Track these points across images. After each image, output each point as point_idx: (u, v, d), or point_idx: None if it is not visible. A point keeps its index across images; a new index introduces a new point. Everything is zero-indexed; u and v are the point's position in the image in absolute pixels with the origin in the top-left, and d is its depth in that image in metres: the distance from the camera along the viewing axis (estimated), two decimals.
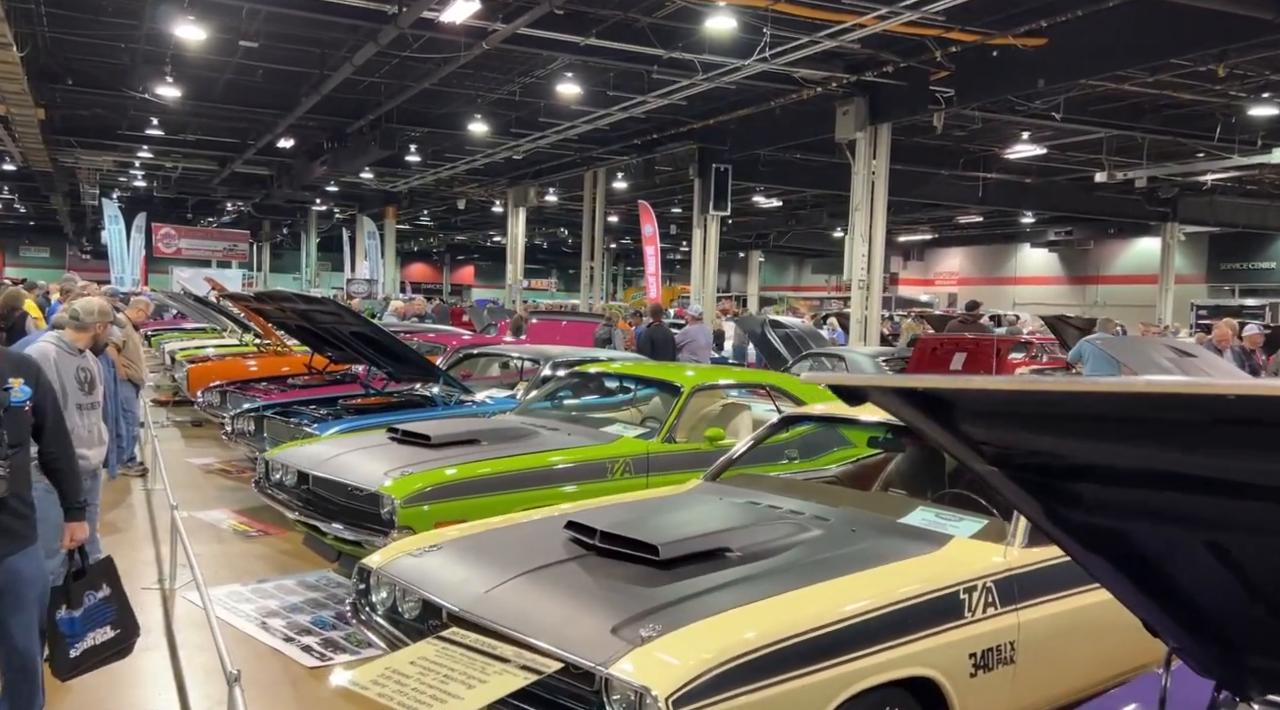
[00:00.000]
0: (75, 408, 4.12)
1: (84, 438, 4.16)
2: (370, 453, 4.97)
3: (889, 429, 3.83)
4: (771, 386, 5.76)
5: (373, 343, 7.07)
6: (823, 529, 3.08)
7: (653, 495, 3.84)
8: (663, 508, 3.48)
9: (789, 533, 3.01)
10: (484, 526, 3.39)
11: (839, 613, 2.47)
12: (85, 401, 4.21)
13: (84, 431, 4.17)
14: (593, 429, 5.40)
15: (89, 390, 4.23)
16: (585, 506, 3.61)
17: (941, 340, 9.15)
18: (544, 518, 3.45)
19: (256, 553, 5.98)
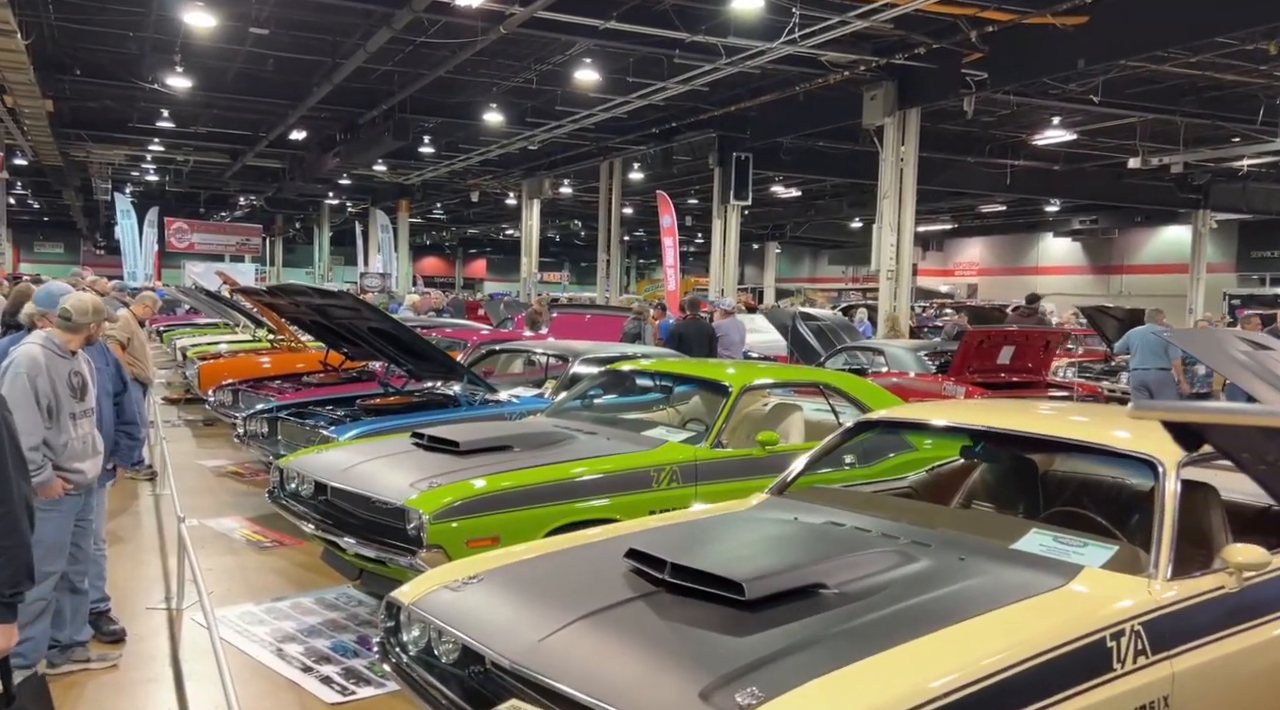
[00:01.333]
0: (69, 417, 3.74)
1: (77, 449, 3.79)
2: (394, 461, 4.54)
3: (983, 437, 3.40)
4: (826, 385, 5.31)
5: (392, 339, 6.65)
6: (926, 558, 2.64)
7: (715, 513, 3.39)
8: (732, 530, 3.04)
9: (890, 564, 2.57)
10: (530, 553, 2.96)
11: (972, 671, 2.04)
12: (79, 409, 3.80)
13: (78, 443, 3.78)
14: (633, 433, 4.96)
15: (82, 396, 3.83)
16: (643, 528, 3.17)
17: (989, 333, 8.67)
18: (599, 542, 3.00)
19: (271, 566, 5.58)
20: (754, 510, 3.36)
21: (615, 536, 3.05)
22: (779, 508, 3.34)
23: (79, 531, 3.91)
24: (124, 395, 4.46)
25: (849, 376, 5.57)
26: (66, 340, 3.80)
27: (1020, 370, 8.78)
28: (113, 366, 4.47)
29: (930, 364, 9.05)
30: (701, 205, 33.45)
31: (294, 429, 6.58)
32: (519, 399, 6.79)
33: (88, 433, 3.86)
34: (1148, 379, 9.91)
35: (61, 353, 3.78)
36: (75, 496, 3.82)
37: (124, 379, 4.53)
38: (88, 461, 3.85)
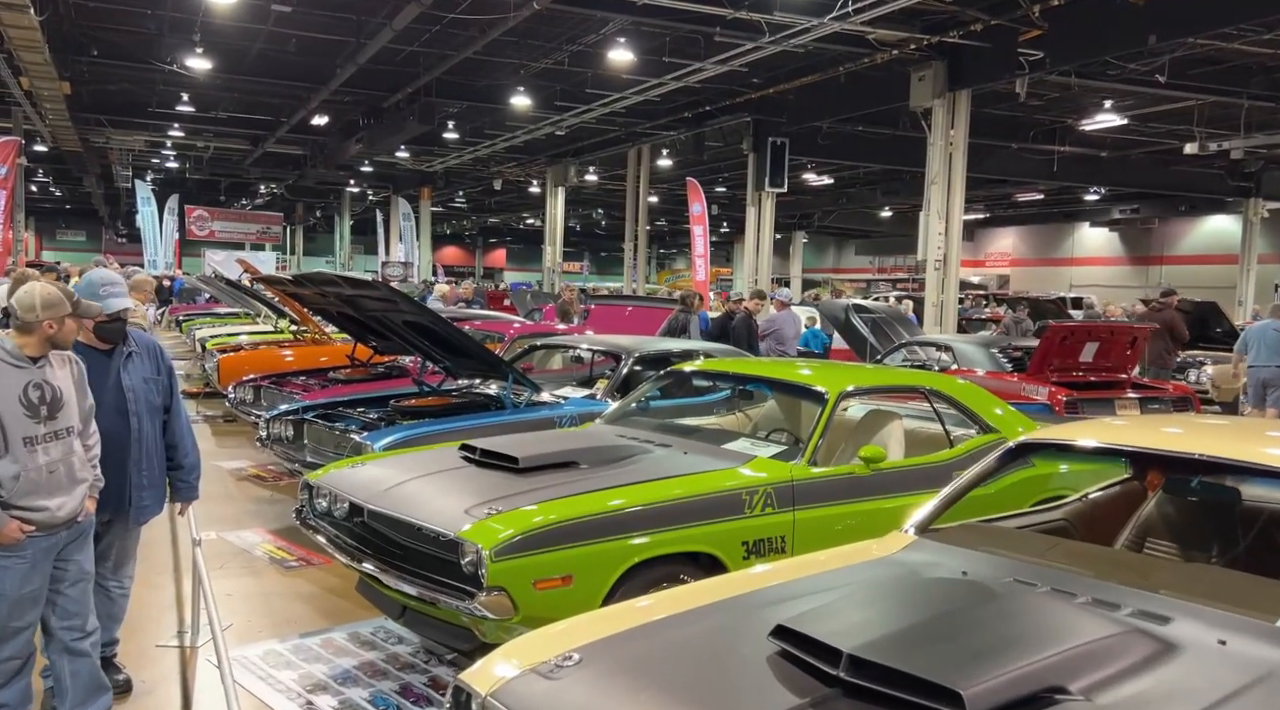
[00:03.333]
0: (23, 443, 3.02)
1: (38, 482, 3.05)
2: (443, 480, 3.91)
3: (1183, 466, 2.75)
4: (930, 390, 4.65)
5: (428, 333, 6.03)
6: (1178, 643, 1.99)
7: (855, 560, 2.72)
8: (897, 594, 2.38)
9: (1139, 656, 1.92)
10: (635, 619, 2.31)
11: None
12: (40, 431, 3.06)
13: (39, 473, 3.05)
14: (713, 446, 4.30)
15: (51, 414, 3.08)
16: (771, 583, 2.50)
17: (1072, 329, 7.97)
18: (723, 607, 2.35)
19: (297, 591, 4.97)
20: (905, 555, 2.71)
21: (741, 596, 2.40)
22: (935, 554, 2.68)
23: (65, 576, 3.21)
24: (173, 414, 3.75)
25: (955, 380, 4.90)
26: (22, 343, 3.08)
27: (1104, 368, 8.08)
28: (165, 376, 3.74)
29: (1005, 362, 8.36)
30: (728, 193, 32.78)
31: (322, 433, 5.98)
32: (567, 400, 6.16)
33: (58, 459, 3.11)
34: (1265, 375, 9.58)
35: (15, 360, 3.05)
36: (45, 537, 3.10)
37: (174, 391, 3.79)
38: (57, 496, 3.10)
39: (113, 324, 3.49)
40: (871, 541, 2.88)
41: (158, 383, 3.67)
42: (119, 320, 3.52)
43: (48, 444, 3.08)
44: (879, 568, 2.62)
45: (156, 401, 3.65)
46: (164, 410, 3.71)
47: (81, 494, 3.23)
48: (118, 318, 3.50)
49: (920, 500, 4.19)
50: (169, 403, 3.74)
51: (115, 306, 3.46)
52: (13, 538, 3.00)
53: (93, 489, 3.31)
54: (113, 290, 3.48)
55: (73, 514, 3.19)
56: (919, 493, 4.22)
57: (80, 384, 3.27)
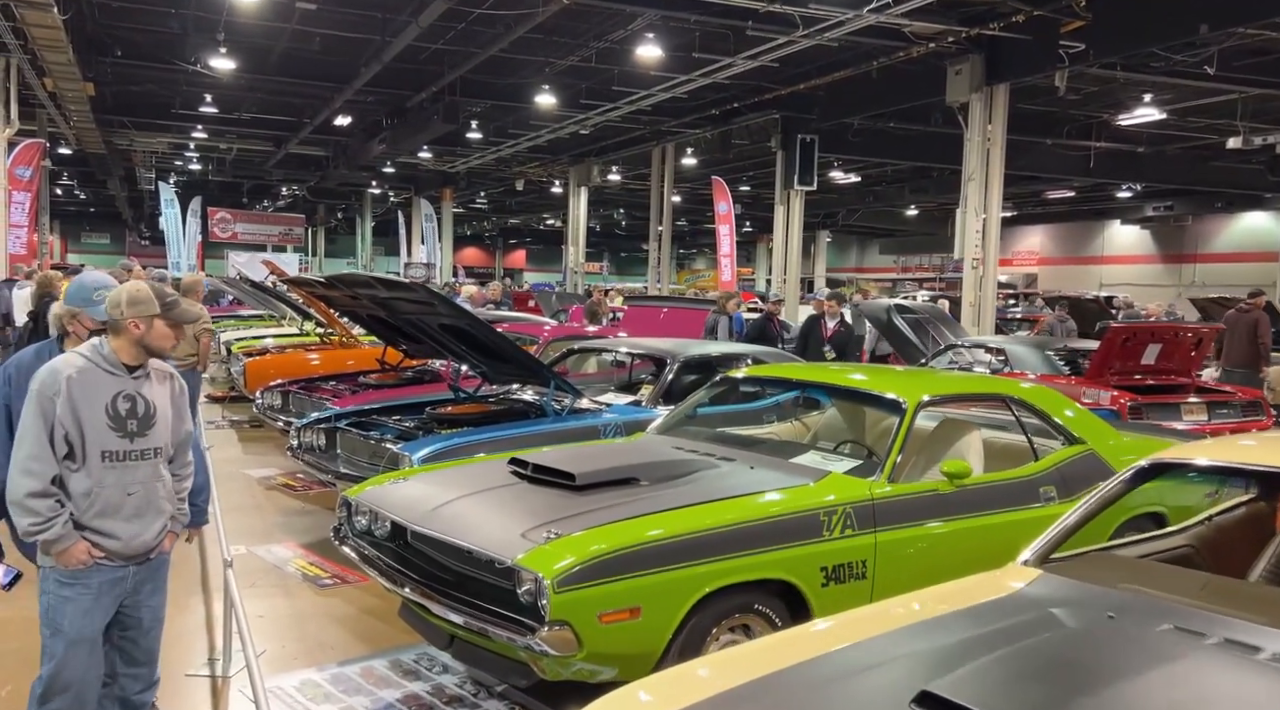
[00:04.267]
0: (102, 457, 2.75)
1: (113, 502, 2.77)
2: (493, 499, 3.62)
3: None
4: (1011, 397, 4.32)
5: (464, 336, 5.75)
6: None
7: (981, 599, 2.39)
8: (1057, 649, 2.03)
9: None
10: (739, 673, 2.00)
11: None
12: (124, 448, 2.78)
13: (115, 493, 2.77)
14: (780, 459, 3.99)
15: (140, 430, 2.81)
16: (897, 631, 2.19)
17: (1134, 330, 7.59)
18: (843, 660, 2.04)
19: (333, 612, 4.70)
20: (1033, 594, 2.39)
21: (860, 645, 2.09)
22: (1068, 592, 2.36)
23: (136, 620, 2.89)
24: None
25: (1037, 387, 4.57)
26: (115, 348, 2.80)
27: (1165, 371, 7.70)
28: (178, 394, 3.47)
29: (1061, 364, 7.98)
30: (752, 192, 32.45)
31: (356, 442, 5.71)
32: (610, 407, 5.86)
33: (139, 481, 2.82)
34: None
35: (110, 366, 2.79)
36: (112, 570, 2.79)
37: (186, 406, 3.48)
38: (134, 523, 2.80)
39: None
40: (985, 576, 2.57)
41: (179, 402, 3.26)
42: None
43: (131, 463, 2.80)
44: (1010, 611, 2.31)
45: (181, 423, 3.27)
46: None
47: (160, 527, 2.92)
48: None
49: (1007, 519, 3.89)
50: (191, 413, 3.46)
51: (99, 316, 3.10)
52: (79, 560, 2.71)
53: (175, 523, 2.99)
54: (108, 295, 3.09)
55: (147, 548, 2.87)
56: (1005, 511, 3.91)
57: (180, 404, 2.98)
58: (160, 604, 2.99)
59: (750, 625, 3.33)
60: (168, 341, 2.87)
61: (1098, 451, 4.27)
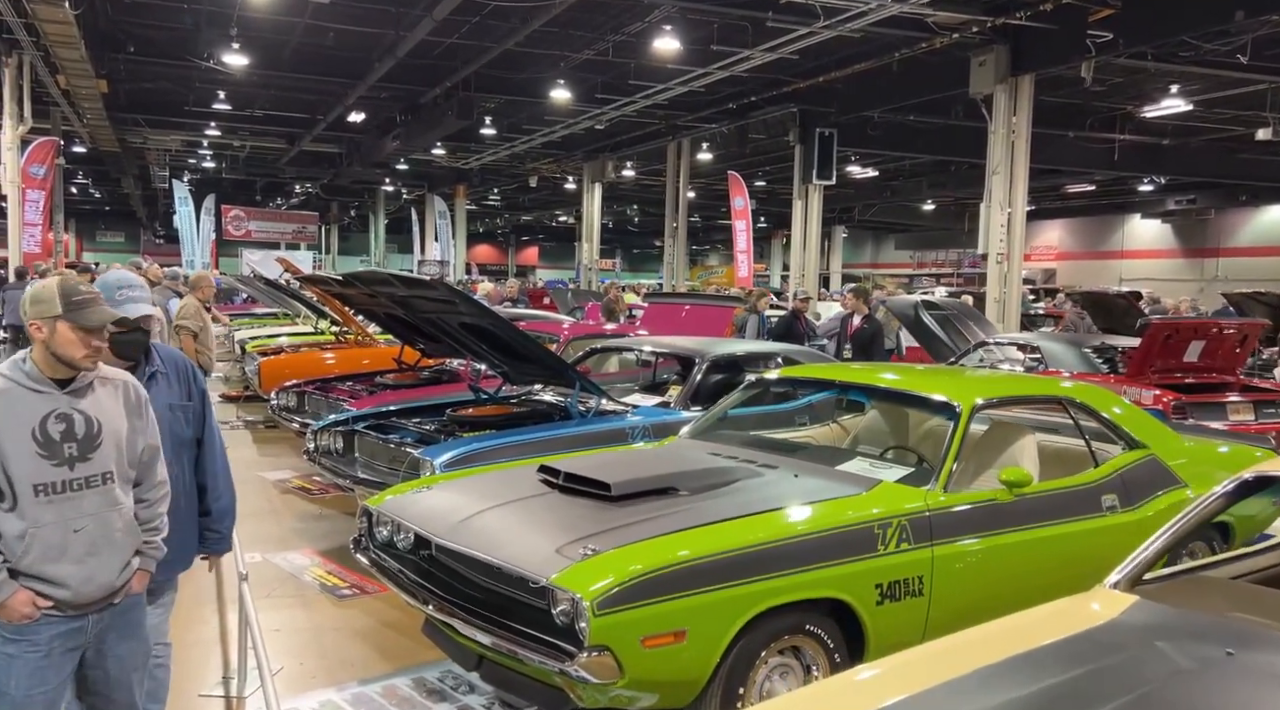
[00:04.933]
0: (31, 491, 2.34)
1: (54, 543, 2.36)
2: (523, 510, 3.41)
3: None
4: (1069, 399, 4.08)
5: (485, 335, 5.55)
6: None
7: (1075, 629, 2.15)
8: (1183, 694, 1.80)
9: None
10: None
11: None
12: (55, 478, 2.36)
13: (55, 532, 2.36)
14: (825, 467, 3.77)
15: (73, 455, 2.38)
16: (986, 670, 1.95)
17: (1177, 326, 7.33)
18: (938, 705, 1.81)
19: (353, 625, 4.50)
20: (1133, 621, 2.16)
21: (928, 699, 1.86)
22: (1172, 621, 2.13)
23: (104, 675, 2.50)
24: (206, 447, 3.03)
25: (1094, 388, 4.33)
26: (37, 360, 2.37)
27: (1209, 369, 7.43)
28: (197, 401, 3.01)
29: (1099, 362, 7.72)
30: (767, 187, 32.19)
31: (374, 446, 5.52)
32: (637, 409, 5.64)
33: (87, 514, 2.38)
34: None
35: (34, 383, 2.36)
36: (64, 621, 2.38)
37: (208, 420, 3.06)
38: (82, 563, 2.37)
39: (130, 335, 2.78)
40: (1069, 602, 2.33)
41: (187, 410, 2.97)
42: (139, 331, 2.82)
43: (73, 495, 2.36)
44: (1109, 647, 2.07)
45: (186, 433, 2.96)
46: (195, 443, 3.01)
47: (121, 565, 2.47)
48: (137, 327, 2.80)
49: (1068, 530, 3.65)
50: (201, 433, 3.03)
51: (133, 313, 2.78)
52: (21, 613, 2.30)
53: (147, 560, 2.57)
54: (131, 294, 2.87)
55: (106, 591, 2.43)
56: (1066, 521, 3.68)
57: (137, 415, 2.55)
58: (132, 651, 2.57)
59: (801, 647, 3.11)
60: (75, 349, 2.38)
61: (1159, 456, 4.04)
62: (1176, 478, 4.01)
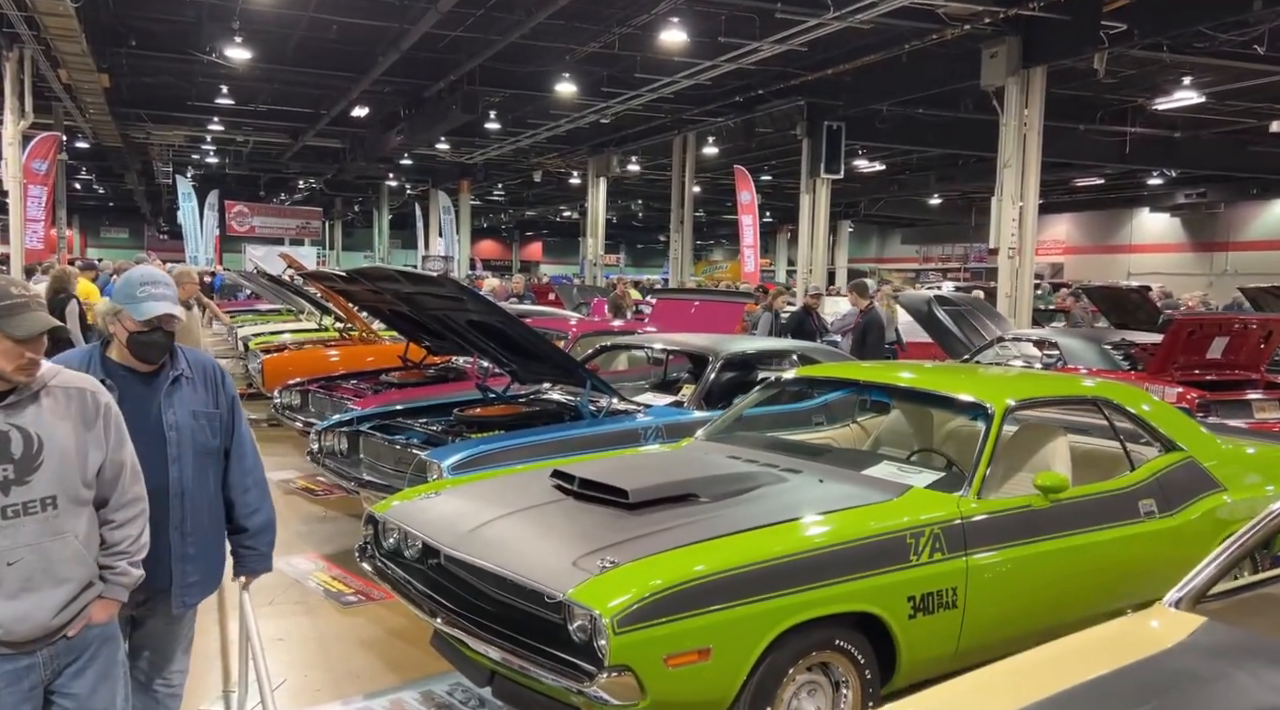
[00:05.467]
0: None
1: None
2: (537, 519, 3.26)
3: None
4: (1104, 400, 3.92)
5: (493, 333, 5.40)
6: None
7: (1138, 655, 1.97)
8: None
9: None
10: None
11: None
12: None
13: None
14: (851, 471, 3.61)
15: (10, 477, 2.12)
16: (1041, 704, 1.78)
17: (1201, 322, 7.16)
18: None
19: (358, 634, 4.36)
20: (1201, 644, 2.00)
21: None
22: (1246, 646, 1.98)
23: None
24: (235, 458, 2.79)
25: (1129, 388, 4.17)
26: None
27: (1232, 366, 7.26)
28: (226, 409, 2.75)
29: (1120, 359, 7.55)
30: (773, 182, 31.98)
31: (380, 447, 5.38)
32: (649, 409, 5.49)
33: (22, 544, 2.12)
34: None
35: None
36: (7, 659, 2.13)
37: (238, 427, 2.81)
38: (15, 599, 2.11)
39: (149, 336, 2.56)
40: (1127, 623, 2.18)
41: (213, 419, 2.70)
42: (160, 331, 2.58)
43: (5, 523, 2.09)
44: (1181, 675, 1.91)
45: (212, 443, 2.69)
46: (223, 454, 2.76)
47: (64, 600, 2.18)
48: (157, 327, 2.57)
49: (1105, 537, 3.50)
50: (229, 443, 2.77)
51: (153, 311, 2.54)
52: None
53: (113, 588, 2.30)
54: (154, 291, 2.59)
55: (45, 629, 2.16)
56: (1101, 528, 3.52)
57: (89, 428, 2.25)
58: (94, 692, 2.27)
59: (830, 663, 2.96)
60: (4, 361, 2.11)
61: (1197, 459, 3.87)
62: (1215, 481, 3.85)
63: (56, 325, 2.21)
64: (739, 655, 2.73)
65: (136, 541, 2.36)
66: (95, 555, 2.27)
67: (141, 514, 2.39)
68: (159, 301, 2.58)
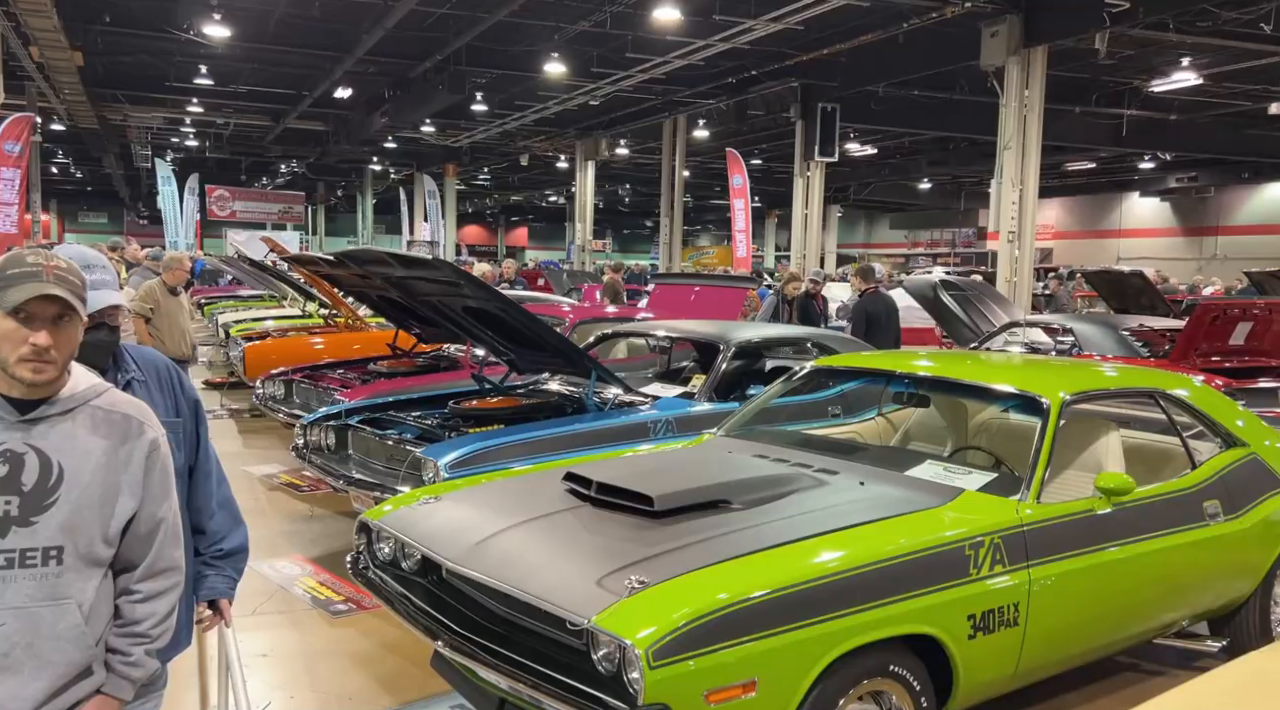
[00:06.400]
0: None
1: None
2: (551, 529, 2.92)
3: None
4: (1162, 393, 3.61)
5: (490, 320, 5.05)
6: None
7: None
8: None
9: None
10: None
11: None
12: None
13: None
14: (894, 472, 3.29)
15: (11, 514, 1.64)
16: None
17: (1226, 307, 6.90)
18: None
19: (349, 648, 4.02)
20: None
21: None
22: None
23: None
24: (200, 475, 2.25)
25: (1188, 380, 3.86)
26: None
27: (1255, 352, 7.01)
28: (187, 418, 2.22)
29: (1138, 345, 7.28)
30: (763, 166, 31.64)
31: (370, 443, 5.03)
32: (657, 401, 5.16)
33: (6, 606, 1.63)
34: None
35: None
36: None
37: (203, 440, 2.27)
38: None
39: (94, 334, 2.04)
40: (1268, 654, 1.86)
41: (175, 430, 2.15)
42: (105, 328, 2.11)
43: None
44: None
45: (176, 462, 2.07)
46: (187, 473, 2.23)
47: (47, 688, 1.65)
48: (101, 323, 2.10)
49: (1169, 544, 3.21)
50: (194, 459, 2.25)
51: (94, 304, 1.99)
52: None
53: (117, 683, 1.76)
54: (91, 277, 2.00)
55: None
56: (1166, 533, 3.23)
57: (125, 468, 1.74)
58: None
59: (883, 691, 2.65)
60: (6, 347, 1.65)
61: (1261, 456, 3.59)
62: (1275, 477, 3.56)
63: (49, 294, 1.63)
64: (788, 687, 2.41)
65: (162, 624, 1.81)
66: (100, 635, 1.73)
67: (174, 588, 1.85)
68: (99, 291, 2.08)
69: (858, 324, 7.67)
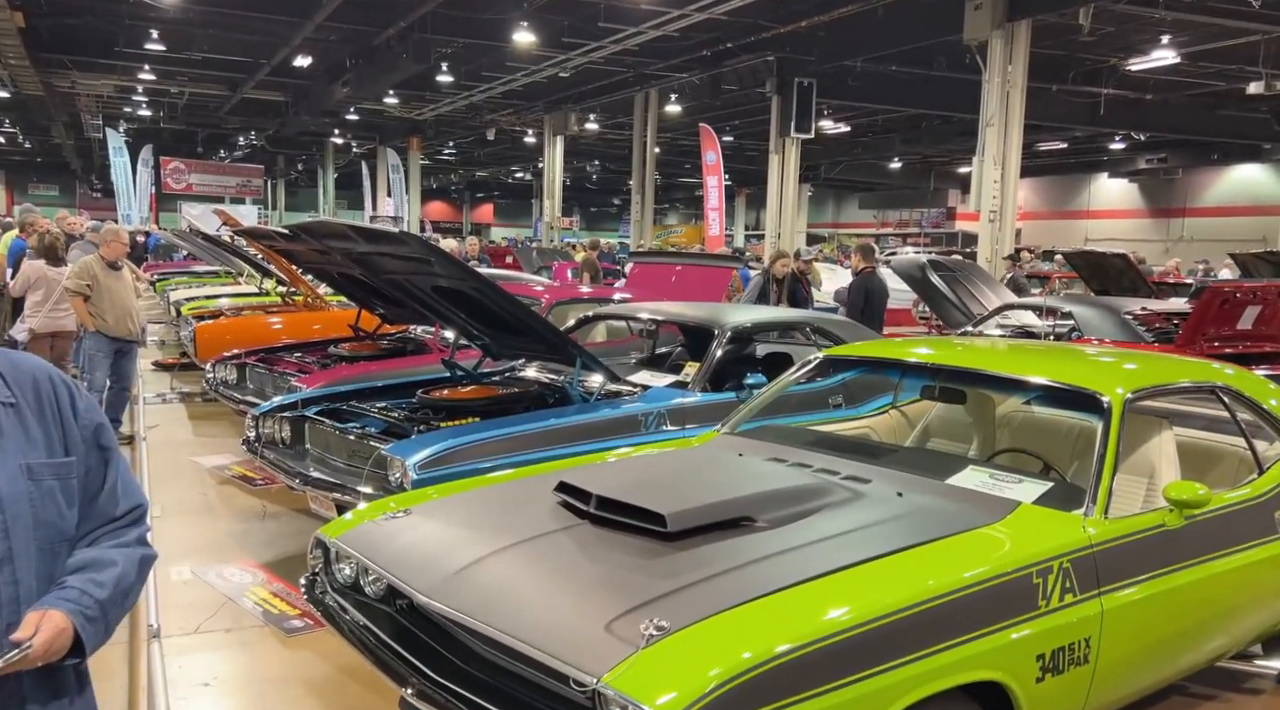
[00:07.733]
0: None
1: None
2: (543, 555, 2.46)
3: None
4: (1225, 387, 3.22)
5: (463, 301, 4.58)
6: None
7: None
8: None
9: None
10: None
11: None
12: None
13: None
14: (935, 479, 2.86)
15: None
16: None
17: (1235, 290, 6.59)
18: None
19: (305, 674, 3.54)
20: None
21: None
22: None
23: None
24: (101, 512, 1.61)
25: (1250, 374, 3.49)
26: None
27: (1263, 336, 6.73)
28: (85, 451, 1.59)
29: (1142, 330, 6.97)
30: (735, 142, 31.18)
31: (330, 438, 4.54)
32: (646, 391, 4.73)
33: None
34: None
35: None
36: None
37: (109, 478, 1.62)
38: None
39: None
40: None
41: (64, 474, 1.56)
42: None
43: None
44: None
45: (65, 518, 1.56)
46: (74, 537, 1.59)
47: None
48: None
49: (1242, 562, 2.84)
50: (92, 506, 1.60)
51: None
52: None
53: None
54: None
55: None
56: (1238, 549, 2.86)
57: None
58: None
59: None
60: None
61: None
62: None
63: None
64: None
65: None
66: None
67: None
68: None
69: (855, 302, 7.30)
